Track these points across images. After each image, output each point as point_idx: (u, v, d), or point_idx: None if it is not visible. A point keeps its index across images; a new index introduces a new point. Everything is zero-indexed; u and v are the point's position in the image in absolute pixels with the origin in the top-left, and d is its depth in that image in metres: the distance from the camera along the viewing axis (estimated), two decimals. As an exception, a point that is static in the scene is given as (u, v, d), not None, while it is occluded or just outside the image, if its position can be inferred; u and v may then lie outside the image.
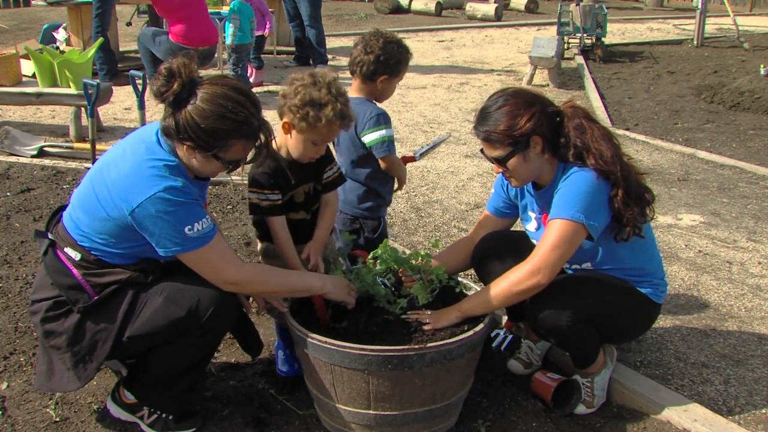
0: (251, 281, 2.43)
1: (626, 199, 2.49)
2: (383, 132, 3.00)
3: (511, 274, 2.50)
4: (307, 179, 2.68)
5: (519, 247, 2.74)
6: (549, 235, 2.47)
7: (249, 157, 2.39)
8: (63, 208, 2.51)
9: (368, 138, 3.01)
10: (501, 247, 2.80)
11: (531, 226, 2.78)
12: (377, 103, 3.11)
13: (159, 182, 2.21)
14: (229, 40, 7.64)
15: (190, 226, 2.23)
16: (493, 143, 2.53)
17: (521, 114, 2.48)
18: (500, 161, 2.55)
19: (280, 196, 2.58)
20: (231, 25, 7.60)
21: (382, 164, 3.09)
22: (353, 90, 3.08)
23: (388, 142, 3.03)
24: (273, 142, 2.41)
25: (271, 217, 2.60)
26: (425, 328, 2.50)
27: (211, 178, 2.51)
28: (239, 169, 2.41)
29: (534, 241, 2.76)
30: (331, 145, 2.86)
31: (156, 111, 6.30)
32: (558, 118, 2.55)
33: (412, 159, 3.41)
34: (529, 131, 2.48)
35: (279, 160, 2.56)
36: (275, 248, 2.67)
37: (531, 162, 2.54)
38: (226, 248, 2.38)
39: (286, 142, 2.58)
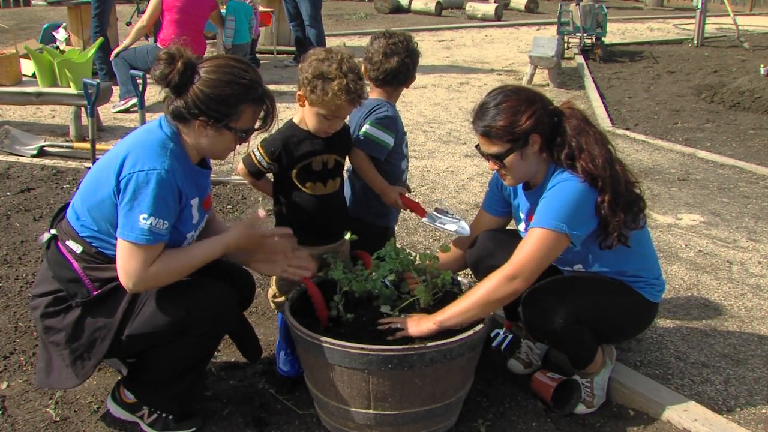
0: (157, 274, 2.25)
1: (613, 206, 2.46)
2: (383, 135, 2.89)
3: (485, 283, 2.44)
4: (329, 151, 2.71)
5: (514, 245, 2.73)
6: (528, 243, 2.45)
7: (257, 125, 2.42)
8: (67, 206, 2.51)
9: (365, 128, 2.89)
10: (496, 245, 2.79)
11: (521, 227, 2.78)
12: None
13: (152, 162, 2.22)
14: (228, 42, 7.63)
15: (146, 216, 2.18)
16: (492, 139, 2.53)
17: (522, 111, 2.48)
18: (497, 158, 2.54)
19: (272, 167, 2.69)
20: (227, 26, 7.60)
21: (355, 159, 2.93)
22: (376, 94, 3.02)
23: (379, 145, 2.90)
24: (277, 110, 2.44)
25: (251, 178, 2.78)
26: (398, 335, 2.40)
27: (211, 178, 2.51)
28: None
29: None
30: None
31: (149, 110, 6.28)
32: (556, 118, 2.55)
33: (422, 213, 2.91)
34: (529, 129, 2.48)
35: (296, 132, 2.65)
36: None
37: (528, 160, 2.54)
38: (155, 258, 2.24)
39: (304, 114, 2.67)
